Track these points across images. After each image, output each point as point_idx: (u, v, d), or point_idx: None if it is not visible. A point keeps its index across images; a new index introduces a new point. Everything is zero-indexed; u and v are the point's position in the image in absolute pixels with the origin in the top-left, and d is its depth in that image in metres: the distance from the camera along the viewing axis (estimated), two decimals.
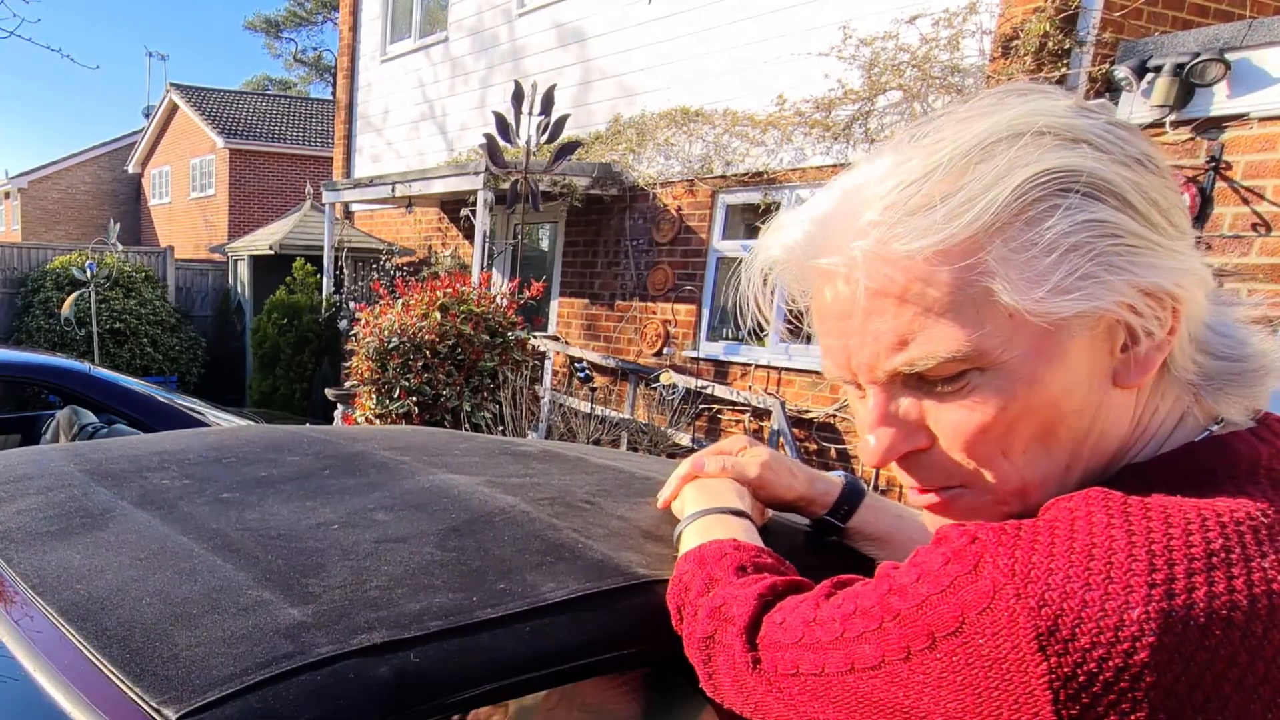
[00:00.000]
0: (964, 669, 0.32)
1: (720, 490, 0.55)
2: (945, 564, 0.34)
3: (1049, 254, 0.34)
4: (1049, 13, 2.81)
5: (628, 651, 0.51)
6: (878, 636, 0.35)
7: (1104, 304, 0.34)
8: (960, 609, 0.33)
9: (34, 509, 0.65)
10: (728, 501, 0.54)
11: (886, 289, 0.36)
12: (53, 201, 14.23)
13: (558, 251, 5.01)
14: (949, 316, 0.35)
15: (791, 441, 3.56)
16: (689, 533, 0.53)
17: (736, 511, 0.53)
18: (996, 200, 0.34)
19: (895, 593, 0.36)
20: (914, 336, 0.36)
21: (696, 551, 0.49)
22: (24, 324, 6.56)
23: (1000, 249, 0.34)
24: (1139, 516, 0.32)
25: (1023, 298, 0.34)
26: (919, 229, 0.35)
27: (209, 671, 0.42)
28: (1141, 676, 0.29)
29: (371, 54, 6.39)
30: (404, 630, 0.46)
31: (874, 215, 0.36)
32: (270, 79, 20.62)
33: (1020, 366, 0.35)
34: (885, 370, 0.37)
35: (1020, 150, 0.34)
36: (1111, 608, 0.30)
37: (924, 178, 0.35)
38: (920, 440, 0.39)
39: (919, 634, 0.34)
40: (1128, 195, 0.34)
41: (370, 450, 0.82)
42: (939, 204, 0.35)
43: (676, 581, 0.49)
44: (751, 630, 0.42)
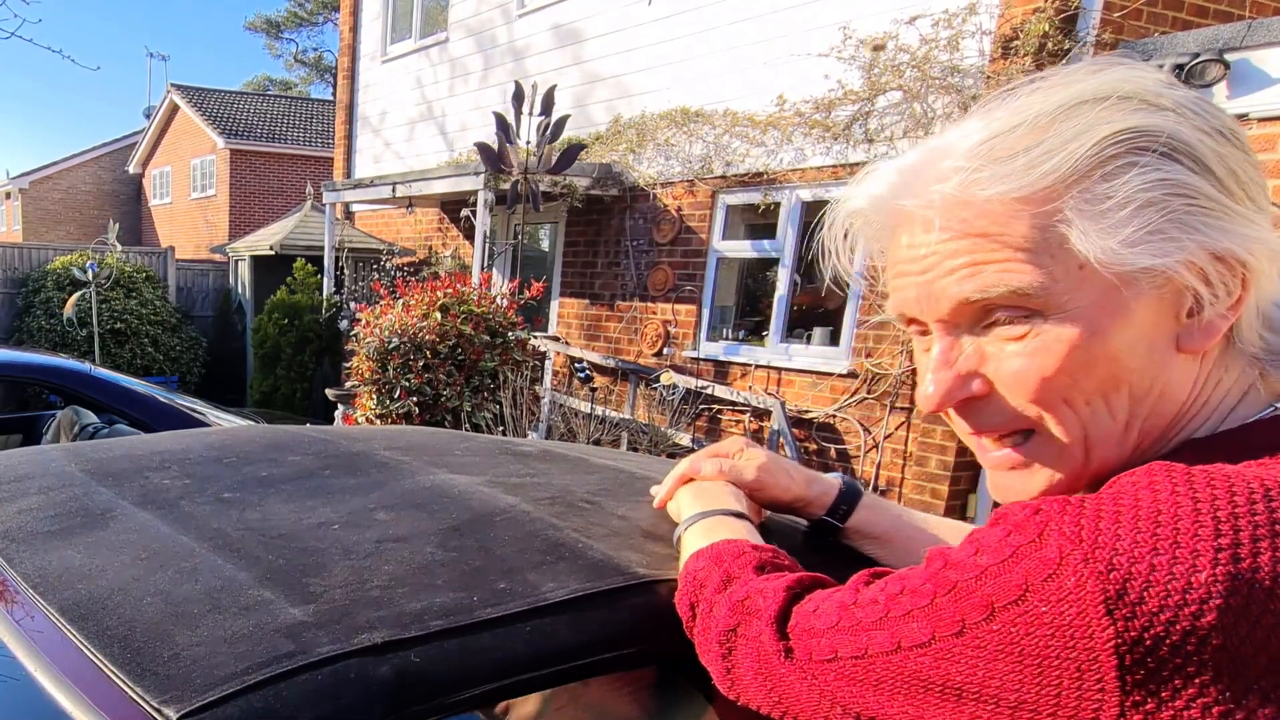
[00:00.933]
0: (1024, 639, 0.32)
1: (718, 493, 0.55)
2: (1007, 535, 0.34)
3: (1123, 208, 0.35)
4: (1049, 13, 2.81)
5: (628, 651, 0.51)
6: (928, 613, 0.35)
7: (1171, 261, 0.35)
8: (1024, 577, 0.32)
9: (35, 509, 0.65)
10: (726, 503, 0.54)
11: (964, 230, 0.37)
12: (54, 202, 14.25)
13: (558, 252, 5.01)
14: (1023, 255, 0.36)
15: (791, 442, 3.56)
16: (692, 534, 0.53)
17: (736, 513, 0.53)
18: (1077, 153, 0.35)
19: (951, 567, 0.35)
20: (988, 265, 0.37)
21: (710, 549, 0.49)
22: (25, 324, 6.56)
23: (1077, 199, 0.35)
24: (1203, 485, 0.33)
25: (1094, 247, 0.35)
26: (999, 174, 0.36)
27: (210, 671, 0.42)
28: (1208, 639, 0.30)
29: (372, 54, 6.39)
30: (405, 630, 0.46)
31: (957, 162, 0.37)
32: (271, 79, 20.66)
33: (1085, 315, 0.36)
34: (955, 299, 0.38)
35: (1104, 110, 0.35)
36: (1179, 571, 0.30)
37: (1009, 131, 0.37)
38: (978, 387, 0.39)
39: (976, 606, 0.33)
40: (1206, 159, 0.35)
41: (371, 450, 0.82)
42: (1020, 154, 0.36)
43: (690, 578, 0.48)
44: (781, 620, 0.41)
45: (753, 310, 4.24)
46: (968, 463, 3.17)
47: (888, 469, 3.45)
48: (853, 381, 3.55)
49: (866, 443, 3.49)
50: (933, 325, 0.40)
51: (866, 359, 3.47)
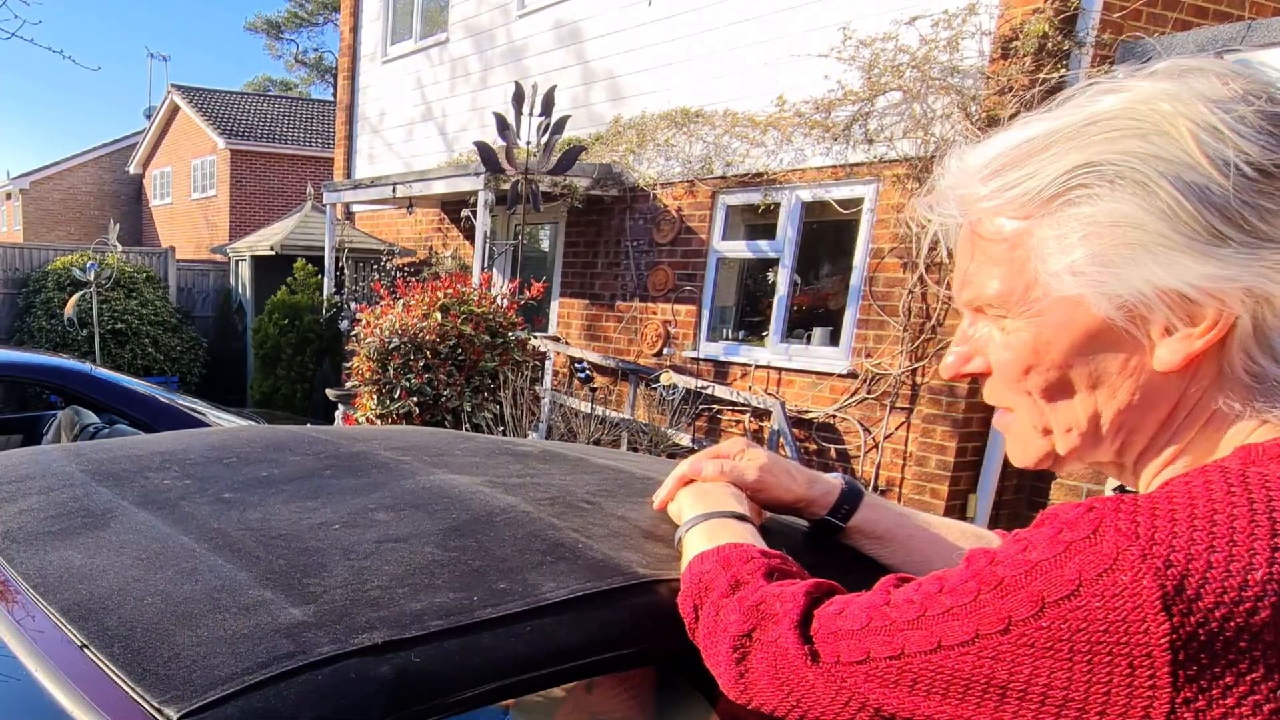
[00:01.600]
0: (1076, 634, 0.32)
1: (719, 494, 0.55)
2: (1058, 533, 0.34)
3: (1075, 234, 0.37)
4: (1048, 14, 2.81)
5: (628, 651, 0.51)
6: (970, 610, 0.35)
7: (1106, 291, 0.37)
8: (1077, 572, 0.32)
9: (36, 509, 0.65)
10: (728, 505, 0.54)
11: (972, 235, 0.42)
12: (54, 202, 14.25)
13: (558, 252, 5.02)
14: (998, 268, 0.40)
15: (791, 442, 3.55)
16: (694, 536, 0.52)
17: (738, 515, 0.53)
18: (1045, 180, 0.38)
19: (997, 564, 0.35)
20: (973, 279, 0.42)
21: (716, 552, 0.49)
22: (25, 324, 6.56)
23: (1040, 223, 0.39)
24: (1259, 486, 0.33)
25: (1044, 269, 0.39)
26: (993, 189, 0.40)
27: (210, 671, 0.42)
28: (1261, 635, 0.30)
29: (372, 55, 6.40)
30: (405, 630, 0.46)
31: (978, 168, 0.41)
32: (271, 80, 20.66)
33: (1039, 326, 0.40)
34: (963, 300, 0.44)
35: (1083, 141, 0.37)
36: (1236, 569, 0.31)
37: (1018, 146, 0.40)
38: (981, 365, 0.43)
39: (1025, 601, 0.33)
40: (1170, 194, 0.35)
41: (371, 450, 0.82)
42: (1011, 171, 0.39)
43: (694, 581, 0.48)
44: (804, 624, 0.41)
45: (753, 310, 4.24)
46: (968, 463, 3.17)
47: (888, 469, 3.45)
48: (853, 382, 3.55)
49: (866, 443, 3.49)
50: (961, 308, 0.45)
51: (866, 359, 3.47)
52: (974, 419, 3.13)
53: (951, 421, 3.13)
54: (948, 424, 3.15)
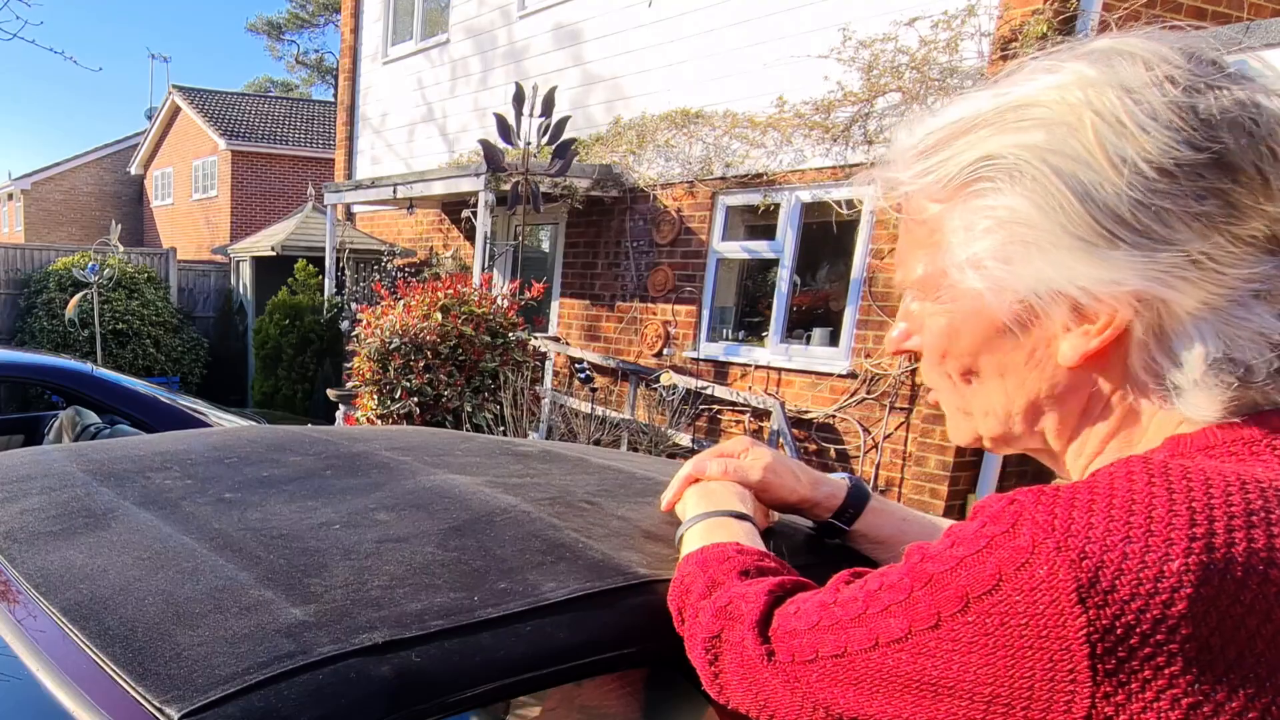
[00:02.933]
0: (998, 629, 0.32)
1: (722, 493, 0.55)
2: (982, 527, 0.34)
3: (978, 227, 0.37)
4: (1047, 15, 2.82)
5: (628, 651, 0.51)
6: (905, 607, 0.35)
7: (1008, 287, 0.37)
8: (997, 566, 0.32)
9: (37, 509, 0.65)
10: (730, 504, 0.54)
11: (904, 216, 0.41)
12: (56, 203, 14.27)
13: (558, 253, 5.02)
14: (921, 250, 0.40)
15: (791, 442, 3.55)
16: (691, 535, 0.52)
17: (739, 514, 0.53)
18: (956, 168, 0.38)
19: (928, 560, 0.35)
20: (901, 260, 0.42)
21: (698, 554, 0.49)
22: (27, 325, 6.57)
23: (952, 211, 0.38)
24: (1179, 477, 0.32)
25: (946, 259, 0.39)
26: (915, 171, 0.39)
27: (211, 671, 0.42)
28: (1178, 628, 0.29)
29: (373, 56, 6.40)
30: (405, 630, 0.46)
31: (910, 146, 0.40)
32: (272, 81, 20.68)
33: (950, 313, 0.40)
34: (896, 279, 0.44)
35: (999, 127, 0.37)
36: (1152, 559, 0.30)
37: (947, 126, 0.39)
38: (915, 343, 0.43)
39: (951, 598, 0.33)
40: (1061, 192, 0.35)
41: (372, 450, 0.82)
42: (936, 153, 0.38)
43: (678, 584, 0.49)
44: (763, 624, 0.41)
45: (752, 311, 4.24)
46: (967, 463, 3.16)
47: (887, 469, 3.44)
48: (852, 382, 3.55)
49: (866, 443, 3.49)
50: None
51: (866, 359, 3.47)
52: None
53: None
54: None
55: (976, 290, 0.38)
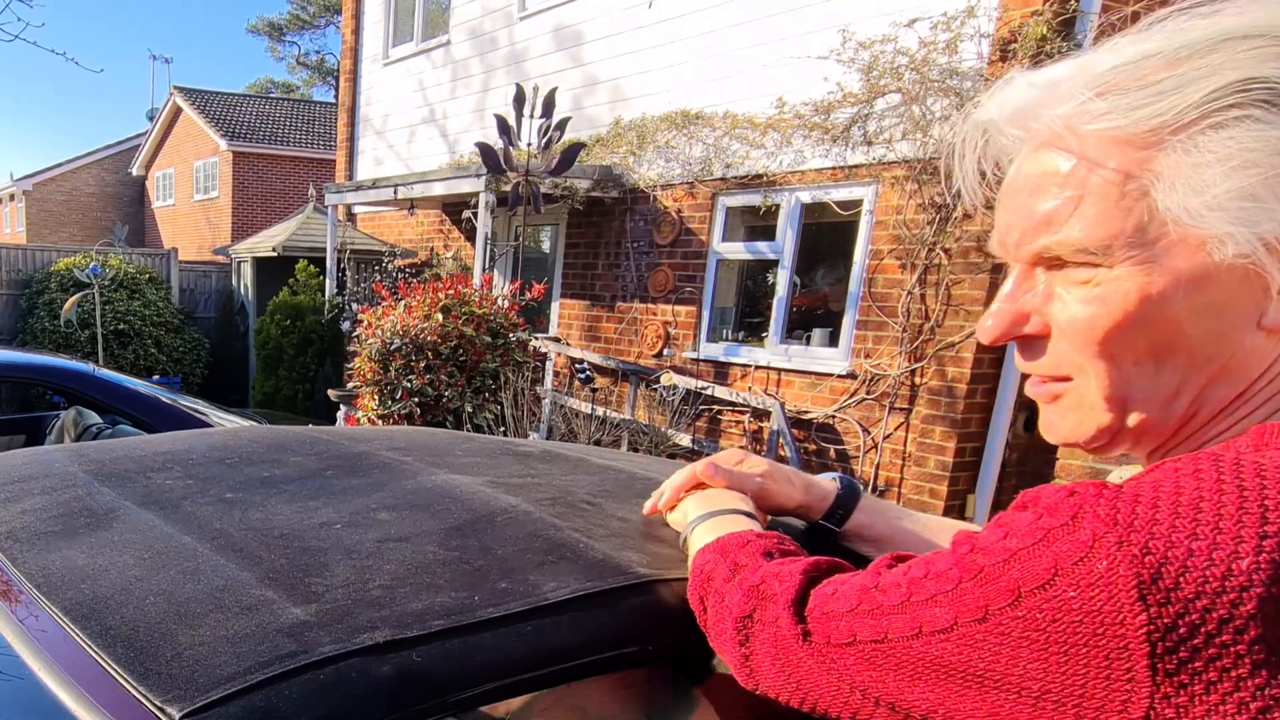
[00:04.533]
0: (1050, 625, 0.30)
1: (722, 496, 0.56)
2: (1038, 519, 0.32)
3: (1219, 164, 0.32)
4: (1046, 16, 2.82)
5: (629, 651, 0.51)
6: (952, 598, 0.34)
7: (1259, 231, 0.32)
8: (1054, 560, 0.31)
9: (38, 509, 0.65)
10: (732, 504, 0.54)
11: (1059, 165, 0.35)
12: (57, 204, 14.29)
13: (559, 253, 5.02)
14: (1100, 206, 0.34)
15: (791, 442, 3.55)
16: (698, 533, 0.52)
17: (744, 512, 0.53)
18: (1187, 98, 0.32)
19: (978, 551, 0.34)
20: (1061, 221, 0.35)
21: (715, 543, 0.48)
22: (29, 325, 6.57)
23: (1174, 150, 0.33)
24: (1252, 473, 0.31)
25: (1175, 204, 0.32)
26: (1107, 109, 0.34)
27: (212, 670, 0.42)
28: (1245, 629, 0.28)
29: (374, 57, 6.41)
30: (406, 629, 0.46)
31: (1081, 86, 0.35)
32: (273, 82, 20.70)
33: (1149, 274, 0.34)
34: (1027, 250, 0.37)
35: (1241, 52, 0.32)
36: (1219, 557, 0.28)
37: (1141, 60, 0.34)
38: (1037, 326, 0.37)
39: (1001, 591, 0.32)
40: None
41: (373, 451, 0.82)
42: (1134, 89, 0.33)
43: (697, 573, 0.48)
44: (799, 604, 0.40)
45: (752, 311, 4.24)
46: (966, 463, 3.16)
47: (887, 469, 3.44)
48: (852, 382, 3.55)
49: (866, 443, 3.49)
50: (1012, 261, 0.39)
51: (865, 360, 3.47)
52: (972, 420, 3.13)
53: (950, 422, 3.13)
54: (946, 425, 3.14)
55: (1198, 241, 0.32)
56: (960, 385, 3.11)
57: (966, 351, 3.09)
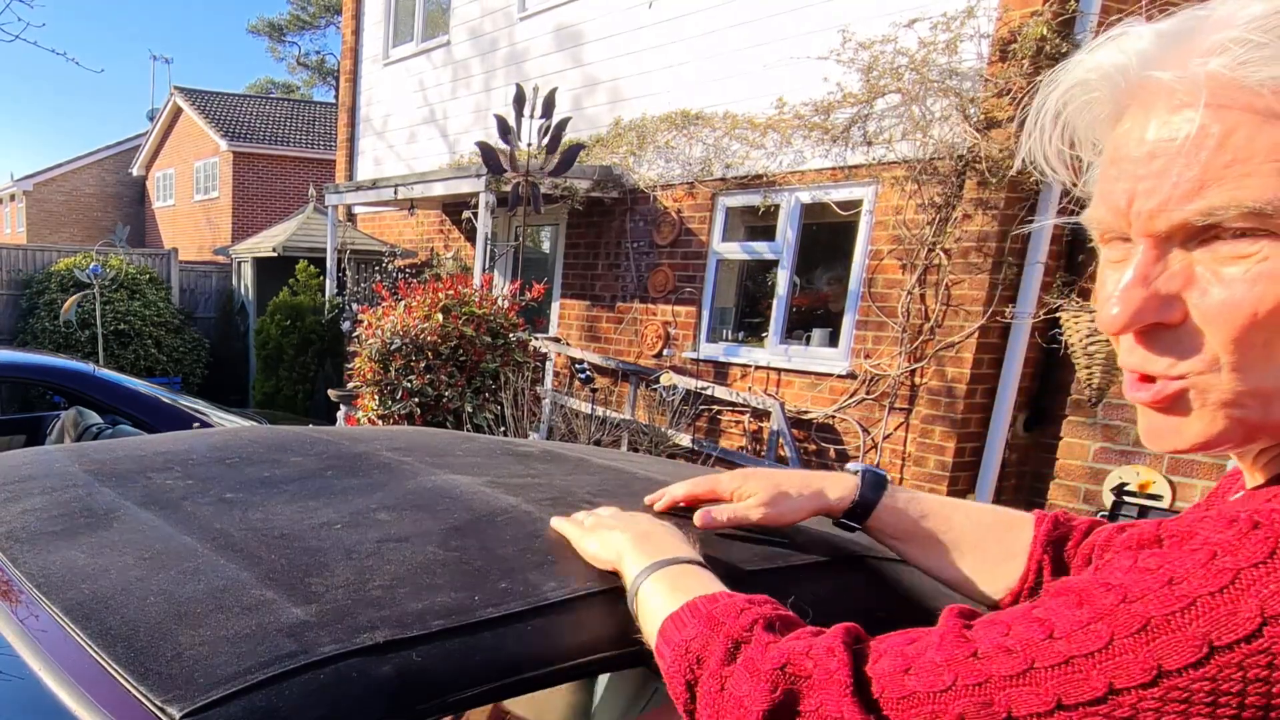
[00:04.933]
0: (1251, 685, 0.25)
1: (664, 538, 0.49)
2: (1212, 558, 0.27)
3: None
4: (1046, 16, 2.82)
5: (629, 650, 0.51)
6: (1102, 660, 0.28)
7: None
8: (1258, 607, 0.26)
9: (39, 509, 0.65)
10: (678, 550, 0.47)
11: (1218, 121, 0.30)
12: (57, 204, 14.29)
13: (559, 253, 5.02)
14: (1271, 165, 0.29)
15: (791, 442, 3.55)
16: (652, 589, 0.45)
17: (697, 561, 0.46)
18: None
19: (1131, 600, 0.28)
20: (1222, 182, 0.30)
21: (691, 612, 0.40)
22: (29, 325, 6.58)
23: None
24: None
25: None
26: (1271, 56, 0.29)
27: (213, 670, 0.42)
28: None
29: (374, 57, 6.41)
30: (406, 629, 0.46)
31: (1235, 33, 0.30)
32: (274, 82, 20.71)
33: None
34: (1172, 220, 0.31)
35: None
36: None
37: None
38: (1172, 313, 0.32)
39: (1181, 646, 0.26)
40: None
41: (373, 451, 0.82)
42: None
43: (678, 650, 0.39)
44: (860, 688, 0.33)
45: (752, 312, 4.24)
46: (966, 463, 3.16)
47: (886, 469, 3.43)
48: (851, 382, 3.55)
49: (866, 443, 3.49)
50: (1138, 236, 0.32)
51: (865, 360, 3.48)
52: (972, 420, 3.13)
53: (950, 422, 3.13)
54: (946, 425, 3.14)
55: None
56: (960, 385, 3.11)
57: (966, 352, 3.09)
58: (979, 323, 3.03)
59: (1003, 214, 2.97)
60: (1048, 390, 3.10)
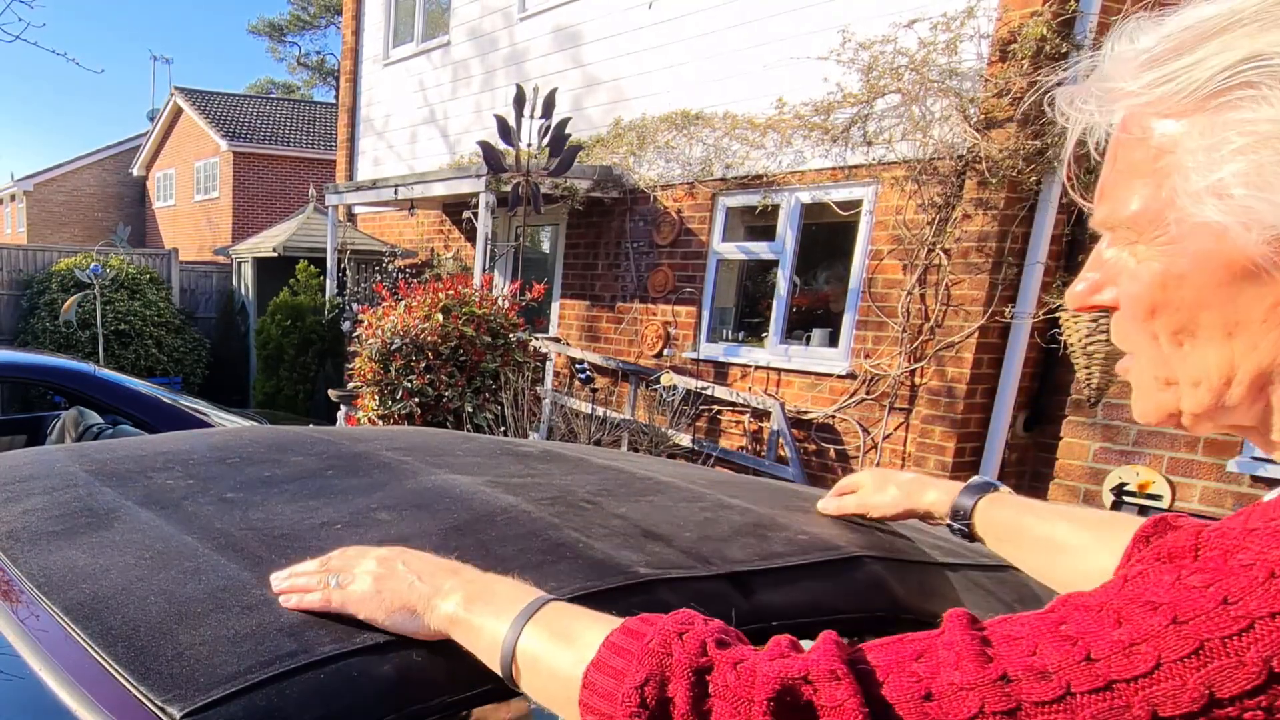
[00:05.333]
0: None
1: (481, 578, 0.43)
2: (1270, 576, 0.26)
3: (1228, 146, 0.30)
4: (1046, 16, 2.82)
5: None
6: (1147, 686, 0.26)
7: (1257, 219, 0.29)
8: None
9: (40, 509, 0.65)
10: (518, 587, 0.42)
11: (1117, 138, 0.34)
12: (58, 204, 14.30)
13: (559, 254, 5.02)
14: (1137, 182, 0.33)
15: (791, 442, 3.56)
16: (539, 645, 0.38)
17: (550, 597, 0.42)
18: (1206, 72, 0.30)
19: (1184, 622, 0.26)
20: (1109, 193, 0.34)
21: (633, 650, 0.34)
22: (30, 325, 6.58)
23: (1194, 127, 0.31)
24: None
25: (1181, 184, 0.31)
26: (1145, 81, 0.32)
27: (213, 670, 0.42)
28: None
29: (374, 58, 6.42)
30: None
31: (1137, 54, 0.33)
32: (274, 82, 20.72)
33: (1170, 256, 0.32)
34: (1094, 218, 0.35)
35: (1267, 23, 0.30)
36: None
37: (1190, 27, 0.32)
38: (1109, 297, 0.36)
39: (1240, 672, 0.25)
40: None
41: (373, 451, 0.82)
42: (1173, 60, 0.32)
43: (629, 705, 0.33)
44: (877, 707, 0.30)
45: (752, 312, 4.24)
46: (966, 463, 3.16)
47: (886, 469, 3.44)
48: (851, 382, 3.55)
49: (865, 443, 3.49)
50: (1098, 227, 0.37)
51: (865, 360, 3.48)
52: (972, 419, 3.13)
53: (950, 422, 3.13)
54: (946, 424, 3.14)
55: (1216, 225, 0.30)
56: (960, 385, 3.11)
57: (966, 352, 3.09)
58: (979, 323, 3.03)
59: (1002, 214, 2.97)
60: (1047, 390, 3.10)
